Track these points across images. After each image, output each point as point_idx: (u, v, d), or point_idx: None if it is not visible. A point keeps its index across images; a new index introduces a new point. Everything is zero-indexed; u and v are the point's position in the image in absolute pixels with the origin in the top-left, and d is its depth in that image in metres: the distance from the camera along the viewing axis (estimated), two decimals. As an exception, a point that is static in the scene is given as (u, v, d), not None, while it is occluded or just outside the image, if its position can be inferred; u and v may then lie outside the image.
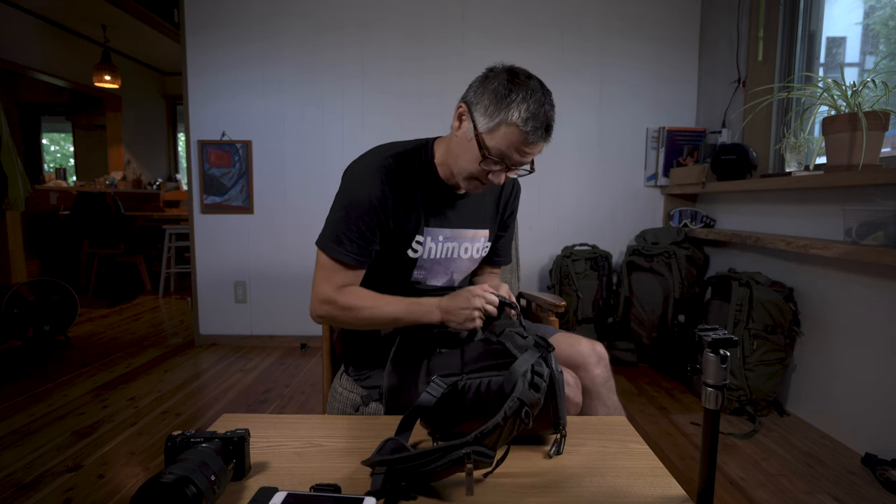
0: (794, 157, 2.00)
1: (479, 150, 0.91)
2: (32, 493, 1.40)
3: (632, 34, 2.74)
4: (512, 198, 1.18)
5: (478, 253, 1.12)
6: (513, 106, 0.88)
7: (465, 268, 1.13)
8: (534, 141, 0.89)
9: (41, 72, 4.63)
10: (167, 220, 4.68)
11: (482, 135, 0.91)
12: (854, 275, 1.70)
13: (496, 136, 0.90)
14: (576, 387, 0.95)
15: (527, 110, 0.87)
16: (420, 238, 1.02)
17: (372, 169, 0.98)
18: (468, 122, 0.93)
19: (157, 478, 0.52)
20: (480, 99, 0.92)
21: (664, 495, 0.66)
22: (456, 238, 1.07)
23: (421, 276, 1.07)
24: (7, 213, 3.07)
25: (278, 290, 2.89)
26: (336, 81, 2.77)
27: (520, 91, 0.89)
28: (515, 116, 0.88)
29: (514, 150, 0.90)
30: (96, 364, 2.55)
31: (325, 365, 1.25)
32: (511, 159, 0.91)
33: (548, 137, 0.92)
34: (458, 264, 1.10)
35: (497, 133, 0.90)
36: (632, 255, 2.56)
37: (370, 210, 0.96)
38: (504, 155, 0.91)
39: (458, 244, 1.08)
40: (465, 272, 1.15)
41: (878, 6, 1.95)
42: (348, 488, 0.62)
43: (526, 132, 0.88)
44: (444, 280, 1.10)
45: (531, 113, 0.87)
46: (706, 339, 0.59)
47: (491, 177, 0.94)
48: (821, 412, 1.84)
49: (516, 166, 0.94)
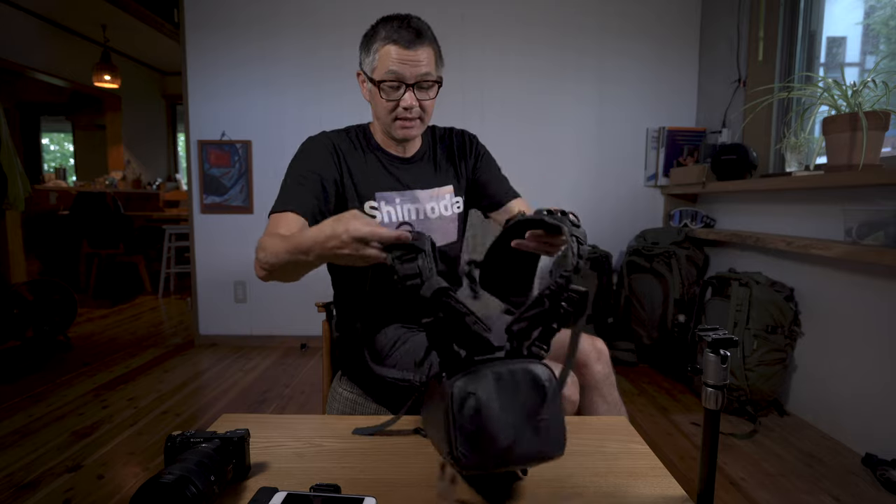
0: (795, 157, 2.00)
1: (373, 84, 0.99)
2: (32, 493, 1.40)
3: (632, 34, 2.74)
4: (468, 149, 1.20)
5: (447, 210, 1.14)
6: (378, 34, 0.98)
7: (441, 227, 1.13)
8: (406, 44, 0.96)
9: (41, 72, 4.63)
10: (167, 220, 4.68)
11: (370, 75, 1.00)
12: (854, 275, 1.70)
13: (377, 64, 0.98)
14: (573, 385, 0.94)
15: (389, 27, 0.97)
16: (373, 203, 1.06)
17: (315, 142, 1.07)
18: (365, 80, 1.04)
19: (157, 478, 0.52)
20: (361, 55, 1.03)
21: (664, 495, 0.65)
22: (416, 200, 1.10)
23: None
24: (7, 213, 3.06)
25: (278, 290, 2.89)
26: (336, 81, 2.77)
27: (379, 23, 1.00)
28: (382, 35, 0.97)
29: (395, 62, 0.96)
30: (96, 364, 2.55)
31: (325, 365, 1.25)
32: (399, 73, 0.97)
33: (420, 39, 0.97)
34: (429, 225, 1.11)
35: (377, 62, 0.98)
36: (632, 255, 2.56)
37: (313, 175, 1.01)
38: (390, 72, 0.97)
39: (421, 205, 1.10)
40: (445, 231, 1.14)
41: (878, 6, 1.95)
42: (348, 488, 0.61)
43: (394, 39, 0.95)
44: None
45: (392, 26, 0.97)
46: (706, 339, 0.59)
47: (402, 103, 0.99)
48: (821, 412, 1.84)
49: (412, 80, 0.98)
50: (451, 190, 1.15)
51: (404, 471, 0.71)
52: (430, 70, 0.99)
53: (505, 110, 2.78)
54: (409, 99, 0.99)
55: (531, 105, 2.79)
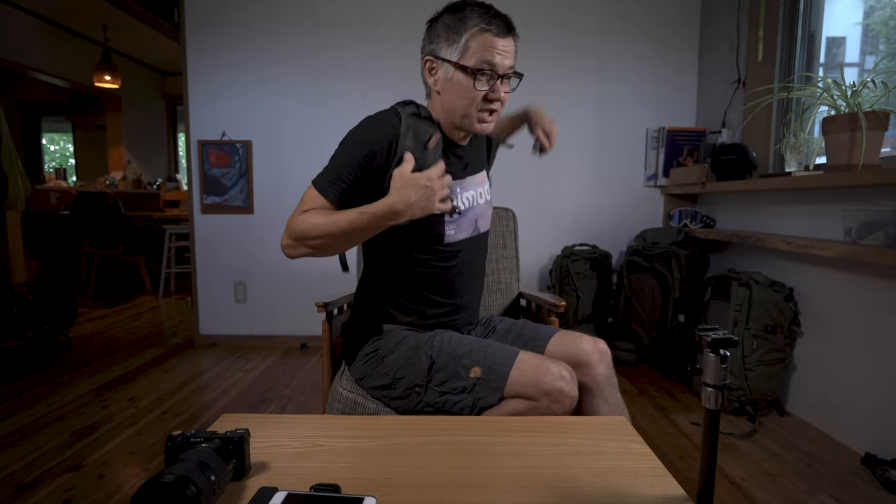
0: (794, 157, 2.00)
1: (465, 73, 0.96)
2: (32, 493, 1.40)
3: (632, 34, 2.74)
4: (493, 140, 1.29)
5: (488, 194, 1.18)
6: (467, 20, 0.95)
7: (485, 212, 1.16)
8: (500, 34, 0.95)
9: (41, 72, 4.63)
10: (167, 220, 4.68)
11: (459, 62, 0.96)
12: (854, 275, 1.70)
13: (470, 52, 0.95)
14: (571, 381, 0.93)
15: (480, 15, 0.95)
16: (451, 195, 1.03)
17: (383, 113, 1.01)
18: (440, 67, 1.00)
19: (157, 478, 0.52)
20: (438, 41, 0.99)
21: (664, 495, 0.66)
22: (470, 186, 1.11)
23: (452, 232, 1.08)
24: (7, 213, 3.07)
25: (278, 290, 2.89)
26: (336, 81, 2.77)
27: (464, 8, 0.97)
28: (474, 23, 0.95)
29: (491, 51, 0.95)
30: (96, 364, 2.55)
31: (325, 365, 1.25)
32: (493, 62, 0.95)
33: (512, 31, 0.97)
34: (478, 210, 1.13)
35: (469, 49, 0.96)
36: (632, 255, 2.56)
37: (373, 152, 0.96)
38: (486, 61, 0.95)
39: (474, 191, 1.12)
40: (487, 216, 1.18)
41: (878, 6, 1.95)
42: (348, 488, 0.62)
43: (490, 28, 0.94)
44: (471, 231, 1.12)
45: (483, 15, 0.95)
46: (706, 339, 0.59)
47: (491, 94, 0.98)
48: (821, 412, 1.84)
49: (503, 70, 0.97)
50: (485, 174, 1.19)
51: (404, 471, 0.71)
52: (515, 63, 0.99)
53: (504, 110, 2.78)
54: (500, 90, 0.98)
55: (531, 105, 2.79)
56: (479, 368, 0.95)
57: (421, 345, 1.02)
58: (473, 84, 0.96)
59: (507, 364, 0.95)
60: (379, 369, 1.04)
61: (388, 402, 1.03)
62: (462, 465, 0.73)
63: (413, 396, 0.99)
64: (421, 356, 1.00)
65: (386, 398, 1.03)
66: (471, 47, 0.95)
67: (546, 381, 0.91)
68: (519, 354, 0.96)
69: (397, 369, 1.01)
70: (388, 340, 1.07)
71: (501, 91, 0.98)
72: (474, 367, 0.96)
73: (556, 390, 0.91)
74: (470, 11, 0.96)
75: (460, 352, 0.99)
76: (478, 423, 0.88)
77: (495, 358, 0.96)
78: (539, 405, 0.92)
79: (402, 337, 1.06)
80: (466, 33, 0.95)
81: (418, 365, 0.99)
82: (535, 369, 0.93)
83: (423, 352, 1.01)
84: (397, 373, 1.01)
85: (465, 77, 0.96)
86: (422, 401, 0.98)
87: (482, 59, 0.94)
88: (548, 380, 0.91)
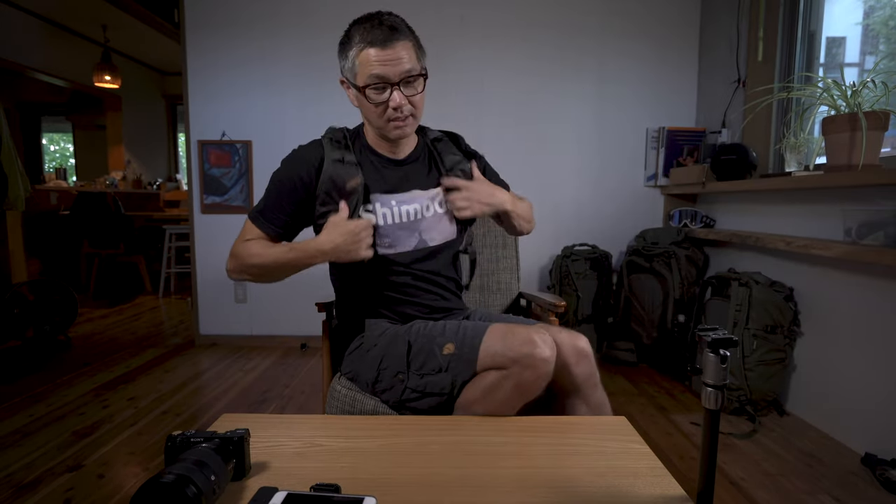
0: (794, 157, 2.00)
1: (358, 89, 0.98)
2: (32, 493, 1.40)
3: (632, 34, 2.74)
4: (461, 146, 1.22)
5: (441, 207, 1.14)
6: (352, 39, 0.98)
7: (434, 225, 1.13)
8: (382, 44, 0.94)
9: (41, 72, 4.63)
10: (167, 220, 4.68)
11: (353, 81, 1.00)
12: (854, 275, 1.70)
13: (358, 70, 0.98)
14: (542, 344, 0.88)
15: (362, 30, 0.96)
16: (369, 206, 1.06)
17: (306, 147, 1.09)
18: (349, 87, 1.04)
19: (157, 478, 0.52)
20: (341, 62, 1.02)
21: (664, 495, 0.66)
22: (413, 200, 1.10)
23: (387, 244, 1.08)
24: (7, 213, 3.07)
25: (278, 290, 2.88)
26: (336, 81, 2.76)
27: (352, 27, 0.99)
28: (356, 41, 0.97)
29: (374, 64, 0.95)
30: (96, 364, 2.55)
31: (325, 365, 1.25)
32: (381, 75, 0.96)
33: (395, 35, 0.95)
34: (425, 224, 1.11)
35: (356, 67, 0.98)
36: (632, 255, 2.56)
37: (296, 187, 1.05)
38: (372, 76, 0.96)
39: (418, 205, 1.11)
40: (437, 229, 1.13)
41: (878, 6, 1.95)
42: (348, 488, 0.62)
43: (369, 41, 0.94)
44: (415, 243, 1.11)
45: (365, 28, 0.96)
46: (706, 339, 0.59)
47: (391, 104, 0.98)
48: (821, 412, 1.84)
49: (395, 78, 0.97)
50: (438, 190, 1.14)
51: (404, 471, 0.71)
52: (412, 65, 0.97)
53: (504, 110, 2.78)
54: (398, 98, 0.98)
55: (531, 105, 2.79)
56: (452, 345, 0.96)
57: (400, 333, 1.04)
58: (367, 98, 0.99)
59: (478, 336, 0.94)
60: (365, 362, 1.06)
61: (380, 395, 1.03)
62: (462, 465, 0.73)
63: (398, 385, 0.99)
64: (399, 343, 1.02)
65: (378, 392, 1.04)
66: (357, 65, 0.97)
67: (514, 346, 0.88)
68: (490, 326, 0.95)
69: (381, 360, 1.03)
70: (370, 334, 1.10)
71: (401, 98, 0.98)
72: (447, 344, 0.96)
73: (524, 355, 0.87)
74: (354, 29, 0.97)
75: (435, 332, 1.00)
76: (478, 423, 0.88)
77: (467, 333, 0.96)
78: (511, 373, 0.88)
79: (384, 329, 1.08)
80: (352, 51, 0.97)
81: (398, 351, 1.01)
82: (502, 337, 0.91)
83: (401, 339, 1.02)
84: (381, 363, 1.02)
85: (362, 94, 0.99)
86: (406, 387, 0.98)
87: (367, 73, 0.96)
88: (515, 345, 0.88)
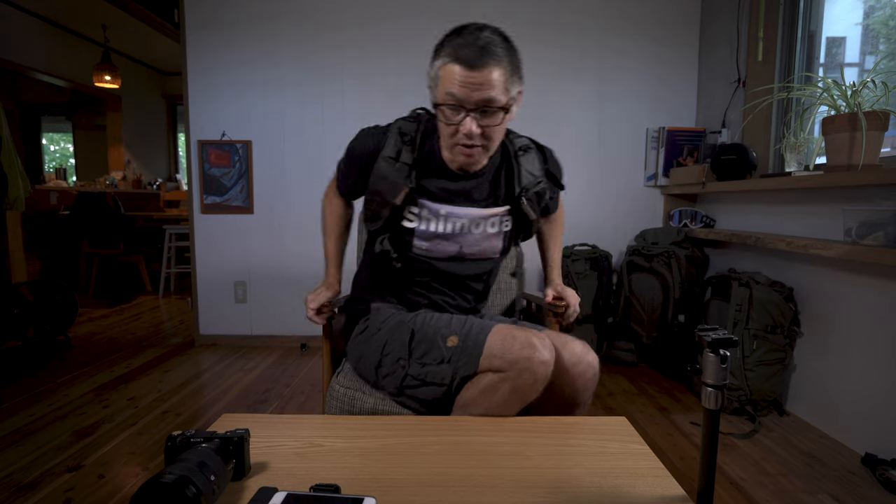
0: (794, 157, 2.00)
1: (434, 104, 0.95)
2: (32, 493, 1.40)
3: (632, 34, 2.74)
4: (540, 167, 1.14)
5: (493, 227, 1.10)
6: (442, 49, 0.92)
7: (479, 242, 1.11)
8: (467, 63, 0.87)
9: (41, 72, 4.63)
10: (167, 220, 4.68)
11: (434, 90, 0.95)
12: (854, 275, 1.70)
13: (439, 84, 0.93)
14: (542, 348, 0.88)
15: (453, 44, 0.90)
16: (414, 209, 1.05)
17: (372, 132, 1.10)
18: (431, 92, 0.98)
19: (157, 478, 0.52)
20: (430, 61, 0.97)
21: (664, 495, 0.66)
22: (463, 215, 1.07)
23: (423, 248, 1.08)
24: (7, 213, 3.07)
25: (278, 290, 2.89)
26: (336, 81, 2.77)
27: (448, 35, 0.93)
28: (445, 53, 0.91)
29: (455, 84, 0.89)
30: (96, 364, 2.55)
31: (325, 365, 1.25)
32: (459, 96, 0.90)
33: (486, 58, 0.88)
34: (470, 238, 1.10)
35: (438, 80, 0.93)
36: (632, 255, 2.56)
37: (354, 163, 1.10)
38: (450, 94, 0.90)
39: (468, 220, 1.07)
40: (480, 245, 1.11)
41: (878, 6, 1.95)
42: (348, 488, 0.62)
43: (456, 57, 0.88)
44: (454, 251, 1.10)
45: (458, 43, 0.89)
46: (706, 339, 0.59)
47: (461, 129, 0.93)
48: (821, 412, 1.84)
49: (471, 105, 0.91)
50: (504, 211, 1.11)
51: (404, 471, 0.71)
52: (496, 94, 0.89)
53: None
54: (469, 125, 0.92)
55: (531, 105, 2.78)
56: (456, 337, 0.96)
57: (405, 320, 1.05)
58: (439, 116, 0.95)
59: (483, 333, 0.94)
60: (370, 346, 1.06)
61: (381, 380, 1.03)
62: (462, 465, 0.73)
63: (399, 371, 0.99)
64: (402, 330, 1.02)
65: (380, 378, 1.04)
66: (439, 78, 0.92)
67: (514, 349, 0.88)
68: (495, 325, 0.95)
69: (385, 345, 1.03)
70: (375, 319, 1.11)
71: (473, 126, 0.92)
72: (451, 336, 0.96)
73: (523, 359, 0.87)
74: (447, 40, 0.92)
75: (440, 324, 1.00)
76: (478, 423, 0.88)
77: (473, 328, 0.96)
78: (509, 376, 0.88)
79: (389, 315, 1.09)
80: (438, 62, 0.92)
81: (402, 338, 1.01)
82: (503, 339, 0.91)
83: (406, 326, 1.03)
84: (385, 348, 1.03)
85: (438, 109, 0.94)
86: (407, 374, 0.98)
87: (445, 90, 0.91)
88: (515, 349, 0.88)
